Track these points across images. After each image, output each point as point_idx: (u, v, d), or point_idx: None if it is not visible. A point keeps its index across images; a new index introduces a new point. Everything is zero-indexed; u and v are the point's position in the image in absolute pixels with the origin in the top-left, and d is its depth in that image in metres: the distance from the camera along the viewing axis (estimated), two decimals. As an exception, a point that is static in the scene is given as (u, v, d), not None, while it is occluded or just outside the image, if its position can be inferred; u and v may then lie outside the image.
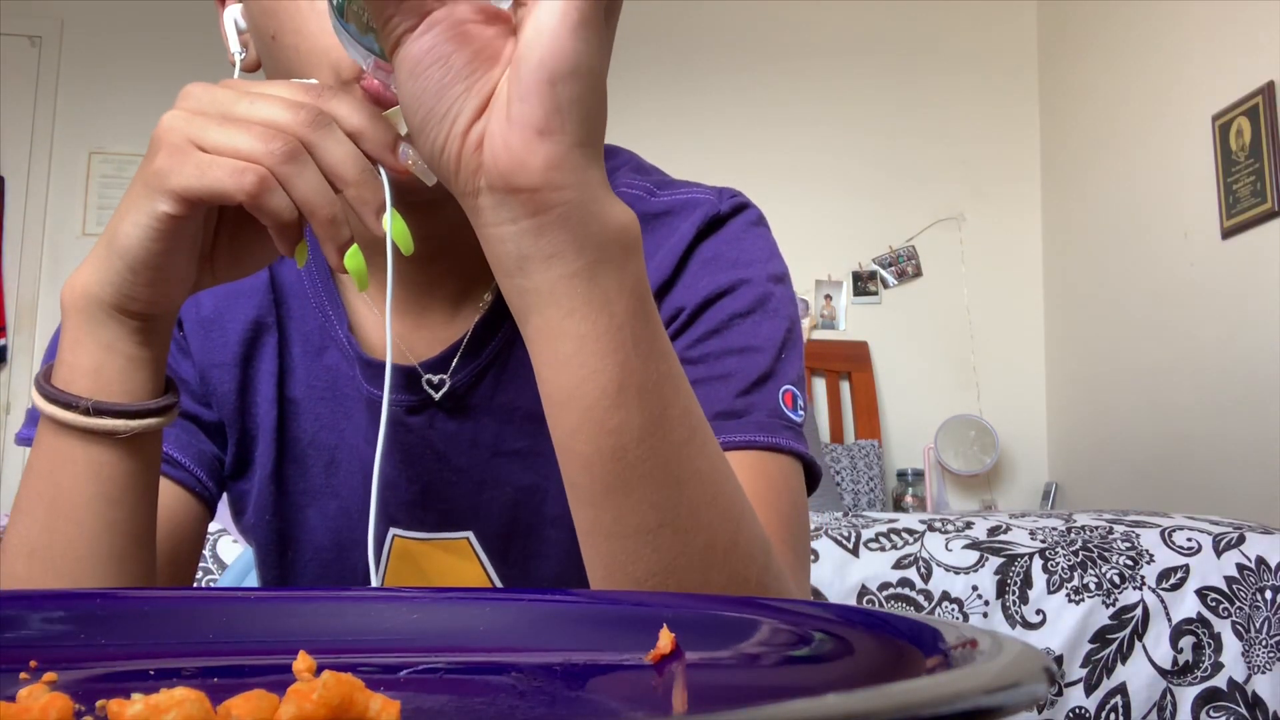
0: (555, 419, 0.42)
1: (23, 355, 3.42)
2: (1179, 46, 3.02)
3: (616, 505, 0.42)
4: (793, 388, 0.61)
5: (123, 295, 0.46)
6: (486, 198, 0.38)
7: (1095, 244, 3.41)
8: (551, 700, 0.32)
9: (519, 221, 0.38)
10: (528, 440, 0.65)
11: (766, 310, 0.62)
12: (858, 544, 1.61)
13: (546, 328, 0.40)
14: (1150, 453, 3.07)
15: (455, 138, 0.38)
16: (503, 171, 0.37)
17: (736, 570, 0.45)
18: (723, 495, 0.45)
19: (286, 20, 0.52)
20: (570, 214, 0.38)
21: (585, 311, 0.39)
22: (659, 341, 0.42)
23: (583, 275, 0.39)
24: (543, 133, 0.37)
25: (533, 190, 0.37)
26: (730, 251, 0.64)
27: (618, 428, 0.41)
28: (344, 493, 0.67)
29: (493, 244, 0.40)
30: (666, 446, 0.42)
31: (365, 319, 0.66)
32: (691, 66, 3.69)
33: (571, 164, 0.37)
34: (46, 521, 0.49)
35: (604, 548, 0.44)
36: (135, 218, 0.44)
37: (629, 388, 0.40)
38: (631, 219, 0.40)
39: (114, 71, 3.55)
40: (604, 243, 0.39)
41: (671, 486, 0.42)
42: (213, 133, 0.43)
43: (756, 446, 0.58)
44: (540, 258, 0.39)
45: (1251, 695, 1.54)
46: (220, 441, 0.67)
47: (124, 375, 0.48)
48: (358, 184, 0.44)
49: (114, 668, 0.33)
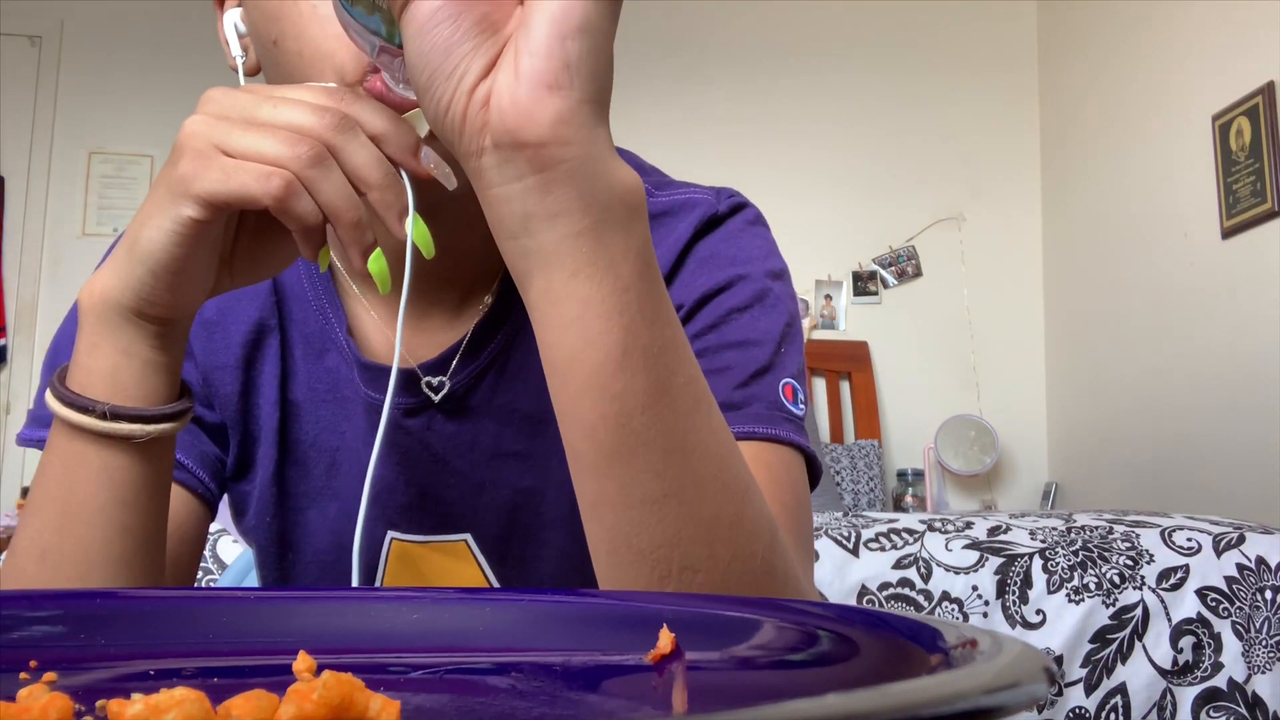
0: (558, 384, 0.42)
1: (23, 355, 3.42)
2: (1179, 46, 3.02)
3: (620, 474, 0.42)
4: (793, 381, 0.61)
5: (142, 299, 0.46)
6: (491, 156, 0.38)
7: (1095, 244, 3.41)
8: (551, 700, 0.32)
9: (524, 179, 0.38)
10: (526, 442, 0.65)
11: (765, 304, 0.62)
12: (858, 544, 1.61)
13: (550, 290, 0.40)
14: (1150, 453, 3.07)
15: (461, 95, 0.38)
16: (510, 127, 0.37)
17: (742, 545, 0.44)
18: (728, 469, 0.44)
19: (289, 25, 0.52)
20: (577, 170, 0.38)
21: (590, 272, 0.39)
22: (664, 307, 0.42)
23: (588, 234, 0.39)
24: (551, 88, 0.37)
25: (539, 145, 0.37)
26: (728, 249, 0.64)
27: (622, 392, 0.40)
28: (345, 495, 0.67)
29: (496, 204, 0.39)
30: (671, 414, 0.41)
31: (364, 322, 0.66)
32: (691, 66, 3.69)
33: (579, 120, 0.37)
34: (59, 524, 0.49)
35: (608, 519, 0.43)
36: (159, 222, 0.44)
37: (634, 352, 0.40)
38: (637, 181, 0.40)
39: (114, 71, 3.55)
40: (610, 202, 0.39)
41: (676, 455, 0.42)
42: (237, 137, 0.43)
43: (757, 438, 0.57)
44: (545, 216, 0.38)
45: (1251, 695, 1.54)
46: (222, 443, 0.67)
47: (141, 379, 0.48)
48: (381, 188, 0.44)
49: (114, 668, 0.33)
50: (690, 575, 0.43)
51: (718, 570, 0.43)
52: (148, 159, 3.54)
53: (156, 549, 0.51)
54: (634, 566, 0.43)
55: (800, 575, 0.50)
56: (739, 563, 0.44)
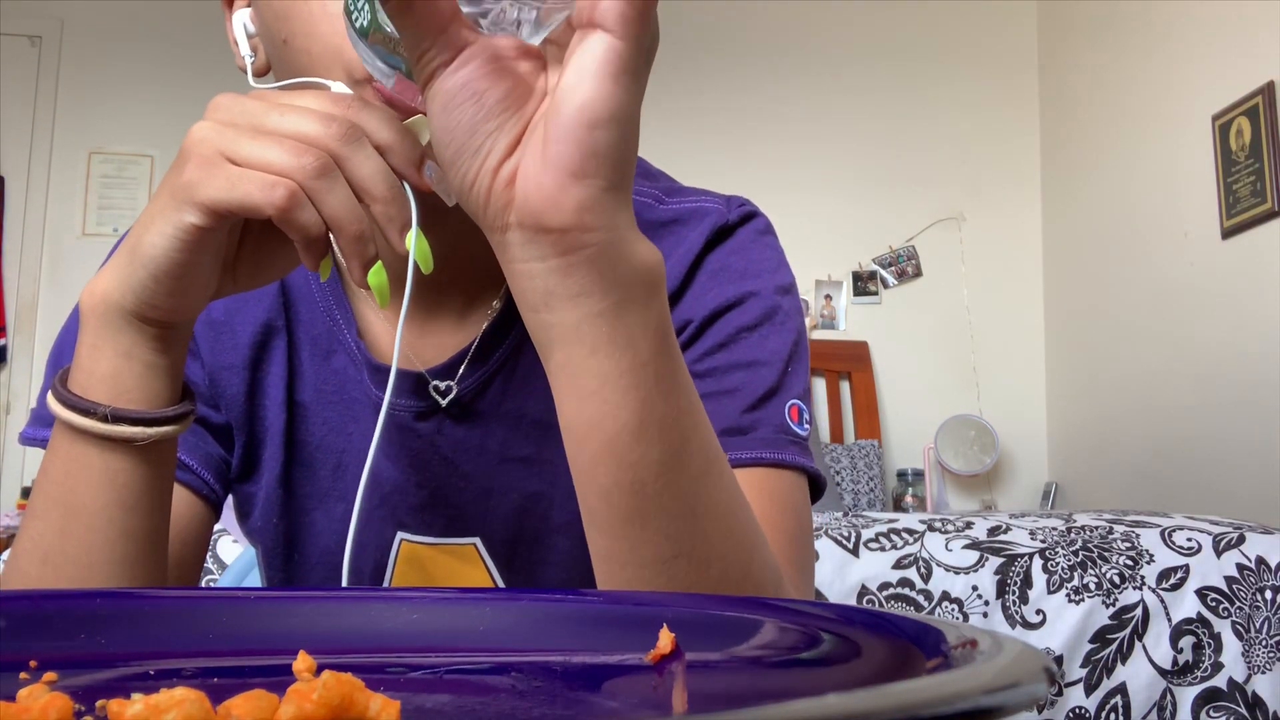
0: (575, 449, 0.43)
1: (22, 355, 3.42)
2: (1179, 46, 3.01)
3: (633, 536, 0.43)
4: (798, 402, 0.61)
5: (144, 303, 0.46)
6: (516, 234, 0.39)
7: (1095, 244, 3.41)
8: (551, 700, 0.32)
9: (547, 260, 0.38)
10: (534, 447, 0.65)
11: (774, 323, 0.62)
12: (858, 544, 1.61)
13: (570, 364, 0.40)
14: (1150, 453, 3.07)
15: (487, 173, 0.38)
16: (534, 210, 0.38)
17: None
18: (737, 526, 0.45)
19: (299, 24, 0.52)
20: (598, 255, 0.38)
21: (609, 350, 0.40)
22: (680, 377, 0.43)
23: (608, 314, 0.39)
24: (577, 176, 0.37)
25: (563, 231, 0.38)
26: (738, 262, 0.64)
27: (637, 462, 0.41)
28: (350, 496, 0.67)
29: (519, 279, 0.40)
30: (684, 479, 0.42)
31: (374, 324, 0.66)
32: (691, 67, 3.69)
33: (603, 207, 0.38)
34: (61, 527, 0.49)
35: (619, 576, 0.44)
36: (161, 227, 0.44)
37: (650, 424, 0.41)
38: (657, 258, 0.41)
39: (114, 71, 3.55)
40: (630, 283, 0.40)
41: (688, 518, 0.43)
42: (244, 145, 0.43)
43: (763, 464, 0.58)
44: (566, 295, 0.39)
45: (1251, 695, 1.54)
46: (227, 444, 0.67)
47: (142, 382, 0.48)
48: (385, 201, 0.44)
49: (114, 668, 0.33)
50: None
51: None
52: (148, 159, 3.54)
53: (159, 551, 0.51)
54: None
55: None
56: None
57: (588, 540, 0.45)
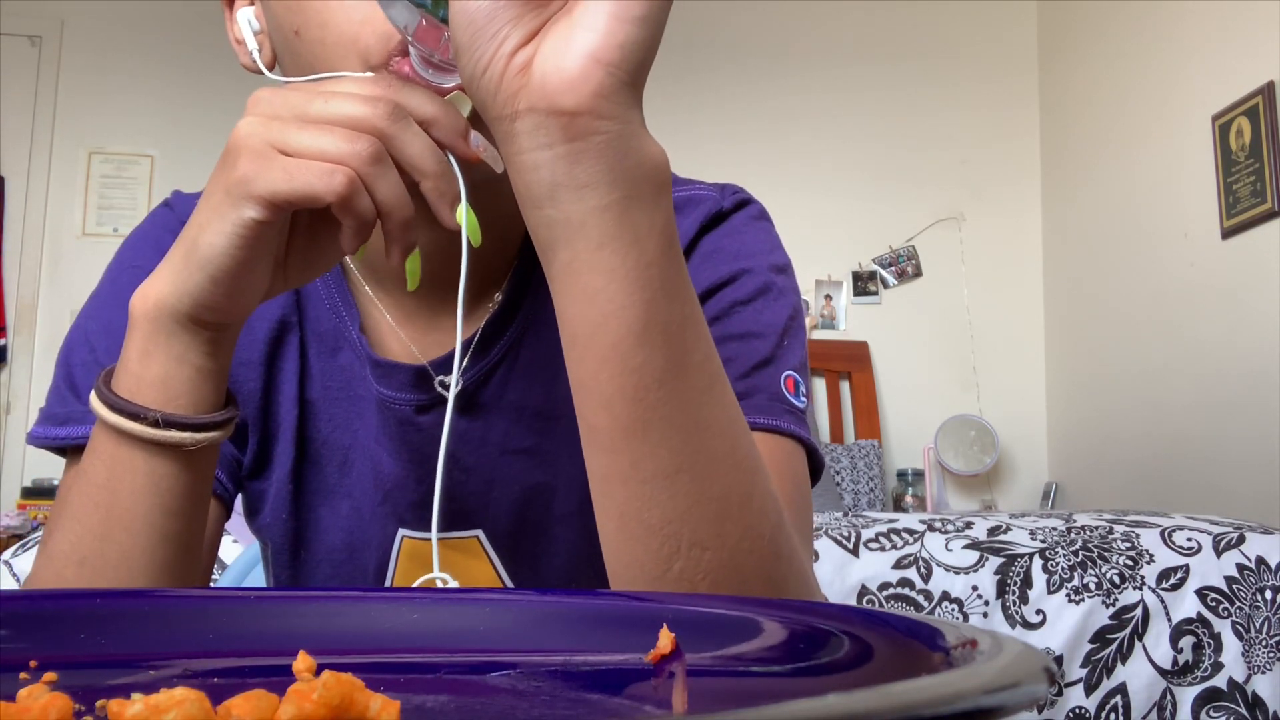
0: (577, 356, 0.42)
1: (23, 355, 3.42)
2: (1179, 46, 3.01)
3: (634, 448, 0.42)
4: (794, 374, 0.61)
5: (201, 305, 0.46)
6: (525, 120, 0.38)
7: (1095, 244, 3.41)
8: (551, 700, 0.32)
9: (554, 146, 0.38)
10: (536, 438, 0.65)
11: (768, 298, 0.62)
12: (858, 544, 1.61)
13: (575, 261, 0.40)
14: (1150, 453, 3.07)
15: (501, 57, 0.38)
16: (550, 92, 0.37)
17: (751, 524, 0.44)
18: (739, 448, 0.44)
19: (312, 14, 0.52)
20: (608, 145, 0.38)
21: (615, 246, 0.39)
22: (684, 284, 0.42)
23: (615, 208, 0.39)
24: (600, 62, 0.37)
25: (575, 113, 0.37)
26: (732, 244, 0.64)
27: (640, 366, 0.41)
28: (356, 493, 0.67)
29: (525, 172, 0.39)
30: (687, 391, 0.42)
31: (377, 321, 0.66)
32: (692, 67, 3.69)
33: (620, 97, 0.38)
34: (101, 530, 0.48)
35: (619, 494, 0.43)
36: (220, 226, 0.44)
37: (654, 326, 0.40)
38: (664, 158, 0.40)
39: (114, 71, 3.55)
40: (638, 178, 0.39)
41: (690, 432, 0.42)
42: (294, 136, 0.43)
43: (758, 429, 0.58)
44: (573, 187, 0.39)
45: (1251, 695, 1.54)
46: (240, 441, 0.67)
47: (192, 387, 0.48)
48: (436, 176, 0.45)
49: (114, 668, 0.33)
50: (699, 553, 0.43)
51: (726, 548, 0.43)
52: (148, 159, 3.54)
53: (196, 555, 0.51)
54: (643, 542, 0.43)
55: (805, 566, 0.50)
56: (747, 542, 0.44)
57: (587, 467, 0.44)
